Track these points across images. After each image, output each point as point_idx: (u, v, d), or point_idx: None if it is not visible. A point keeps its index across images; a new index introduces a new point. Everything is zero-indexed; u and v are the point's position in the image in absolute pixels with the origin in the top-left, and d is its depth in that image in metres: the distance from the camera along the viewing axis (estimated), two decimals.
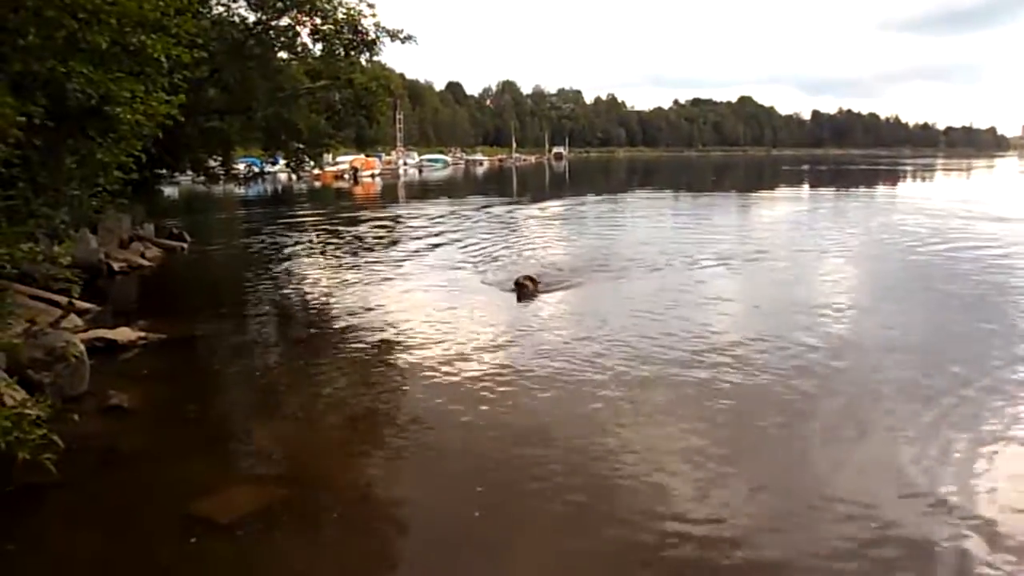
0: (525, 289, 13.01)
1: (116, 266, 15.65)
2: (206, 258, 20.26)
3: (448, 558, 5.02)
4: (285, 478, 6.10)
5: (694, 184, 59.70)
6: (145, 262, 17.16)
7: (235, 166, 23.67)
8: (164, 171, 21.84)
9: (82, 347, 7.99)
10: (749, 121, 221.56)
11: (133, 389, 8.02)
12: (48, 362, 7.35)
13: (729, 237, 21.93)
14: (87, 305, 11.40)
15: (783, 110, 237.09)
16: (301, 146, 20.79)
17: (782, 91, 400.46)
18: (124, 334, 9.96)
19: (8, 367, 7.13)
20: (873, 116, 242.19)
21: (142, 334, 10.14)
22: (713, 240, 20.84)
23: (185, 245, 20.07)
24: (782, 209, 35.15)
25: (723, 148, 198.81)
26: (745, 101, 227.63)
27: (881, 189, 51.72)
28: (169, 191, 30.52)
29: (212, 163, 22.48)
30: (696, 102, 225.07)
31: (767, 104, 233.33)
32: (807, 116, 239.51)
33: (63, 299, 10.56)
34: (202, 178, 23.86)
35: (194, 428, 7.33)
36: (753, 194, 47.43)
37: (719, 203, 38.70)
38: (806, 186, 57.21)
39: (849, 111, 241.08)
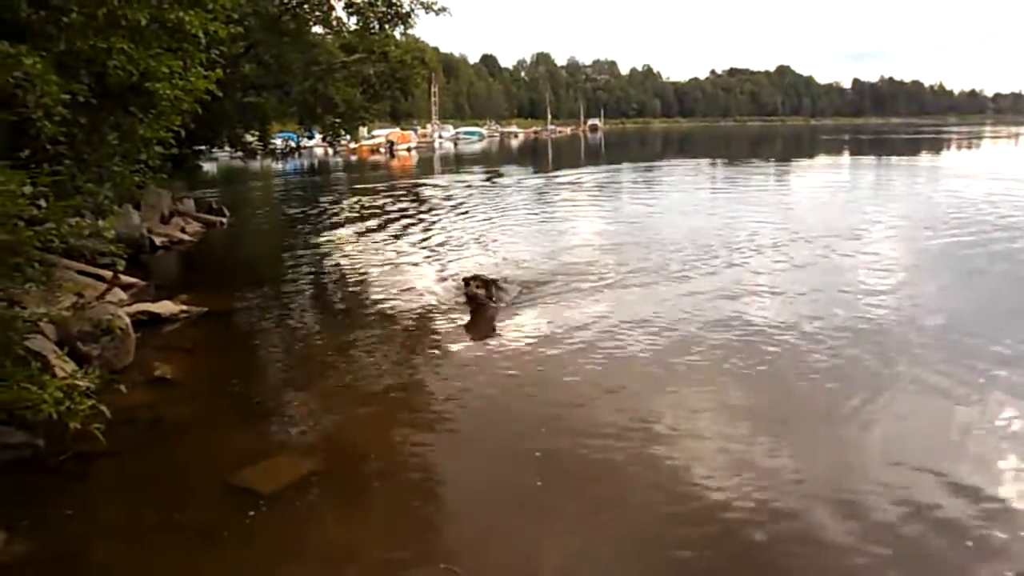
0: (477, 299, 10.01)
1: (158, 241, 15.94)
2: (245, 232, 20.57)
3: (494, 523, 5.12)
4: (327, 449, 6.18)
5: (731, 154, 58.88)
6: (186, 236, 17.45)
7: (272, 141, 23.81)
8: (203, 147, 22.12)
9: (127, 320, 8.18)
10: (787, 91, 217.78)
11: (177, 361, 8.23)
12: (95, 335, 7.54)
13: (767, 208, 21.75)
14: (131, 279, 11.62)
15: (822, 79, 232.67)
16: (337, 120, 20.86)
17: (822, 59, 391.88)
18: (167, 307, 10.17)
19: (58, 339, 7.33)
20: (916, 84, 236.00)
21: (184, 307, 10.35)
22: (751, 211, 20.65)
23: (224, 220, 20.33)
24: (821, 178, 34.67)
25: (760, 118, 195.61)
26: (783, 70, 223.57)
27: (923, 158, 50.56)
28: (208, 167, 30.86)
29: (249, 138, 22.69)
30: (733, 72, 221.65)
31: (806, 73, 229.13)
32: (847, 84, 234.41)
33: (108, 273, 10.80)
34: (240, 153, 24.10)
35: (236, 400, 7.48)
36: (791, 163, 46.58)
37: (757, 172, 38.05)
38: (846, 155, 56.06)
39: (891, 79, 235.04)
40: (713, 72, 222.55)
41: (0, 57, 6.07)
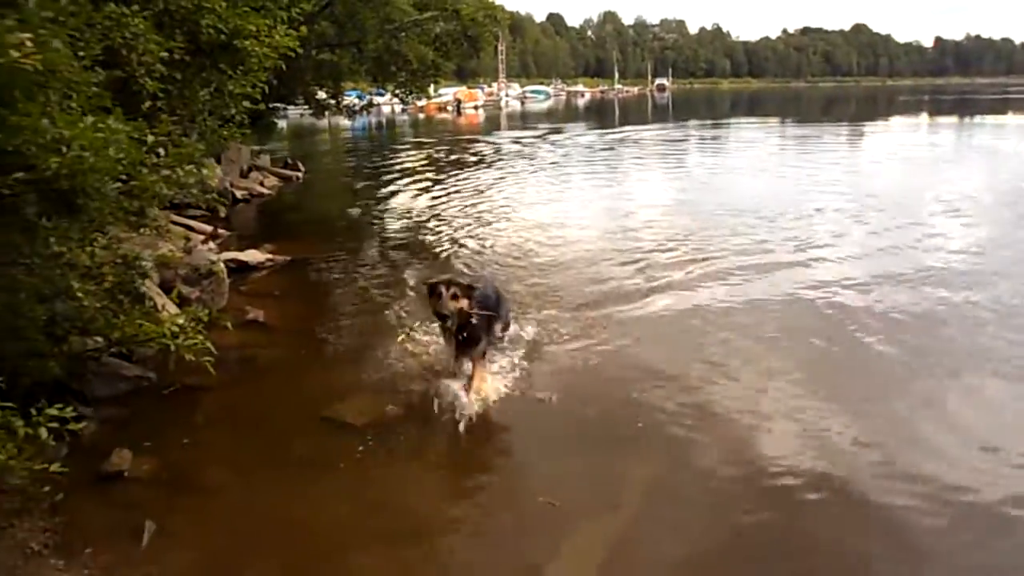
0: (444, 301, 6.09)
1: (238, 194, 16.57)
2: (319, 186, 21.23)
3: (584, 460, 5.39)
4: (414, 389, 6.46)
5: (802, 115, 57.30)
6: (264, 190, 18.09)
7: (345, 97, 24.28)
8: (279, 104, 22.69)
9: (223, 266, 8.69)
10: (863, 50, 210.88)
11: (266, 306, 8.70)
12: (195, 278, 8.06)
13: (840, 170, 21.27)
14: (218, 230, 12.20)
15: (902, 37, 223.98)
16: (410, 77, 21.16)
17: (902, 15, 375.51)
18: (253, 256, 10.70)
19: (161, 283, 7.84)
20: (1006, 41, 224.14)
21: (269, 256, 10.87)
22: (824, 174, 20.29)
23: (300, 174, 20.94)
24: (898, 140, 33.62)
25: (833, 79, 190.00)
26: (860, 29, 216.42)
27: (1012, 119, 48.11)
28: (280, 123, 31.59)
29: (323, 95, 23.17)
30: (806, 31, 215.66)
31: (884, 32, 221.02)
32: (929, 43, 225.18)
33: (199, 225, 11.40)
34: (311, 110, 24.64)
35: (324, 341, 7.94)
36: (865, 124, 44.89)
37: (829, 133, 36.78)
38: (924, 116, 53.56)
39: (978, 36, 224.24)
40: (785, 31, 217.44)
41: (116, 17, 6.47)
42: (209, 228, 11.36)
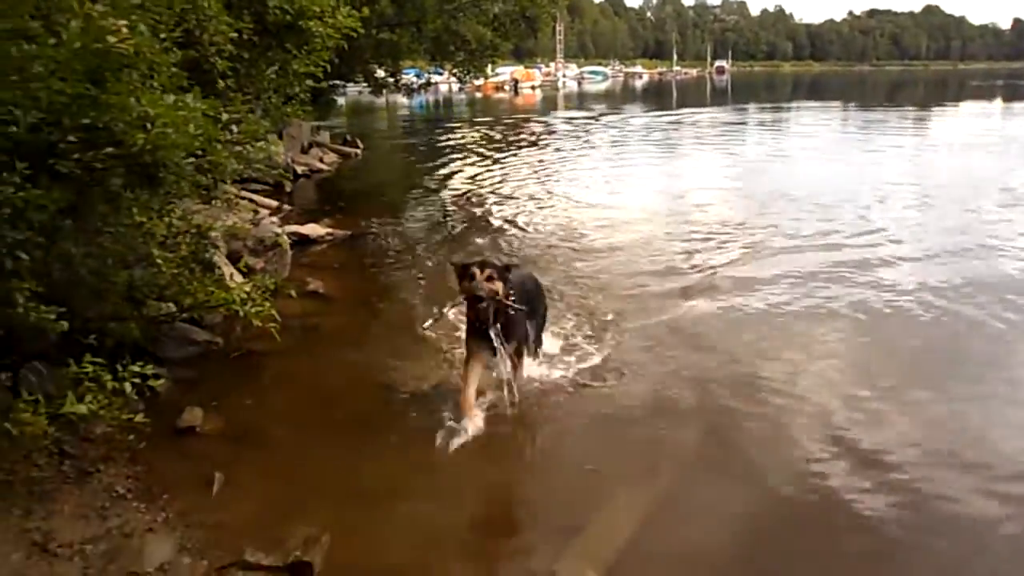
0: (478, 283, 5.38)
1: (299, 170, 17.04)
2: (377, 162, 21.71)
3: (625, 433, 5.61)
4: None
5: (866, 99, 55.90)
6: (324, 166, 18.61)
7: (404, 76, 24.62)
8: (339, 82, 23.13)
9: (286, 238, 9.08)
10: (934, 32, 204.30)
11: (326, 278, 9.05)
12: (260, 250, 8.47)
13: (904, 157, 20.92)
14: (282, 204, 12.65)
15: (977, 19, 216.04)
16: (468, 57, 21.39)
17: None
18: (314, 230, 11.10)
19: (228, 254, 8.24)
20: None
21: (329, 230, 11.27)
22: (888, 160, 20.01)
23: (359, 151, 21.41)
24: (967, 125, 32.53)
25: (901, 62, 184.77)
26: (931, 10, 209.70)
27: None
28: (339, 101, 32.13)
29: (382, 73, 23.54)
30: (873, 13, 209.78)
31: (957, 14, 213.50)
32: (1006, 25, 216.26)
33: (262, 199, 11.83)
34: (370, 88, 25.04)
35: (380, 312, 8.35)
36: (933, 110, 43.31)
37: (894, 117, 35.72)
38: (998, 101, 51.12)
39: None
40: (851, 13, 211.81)
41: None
42: (274, 203, 11.80)
